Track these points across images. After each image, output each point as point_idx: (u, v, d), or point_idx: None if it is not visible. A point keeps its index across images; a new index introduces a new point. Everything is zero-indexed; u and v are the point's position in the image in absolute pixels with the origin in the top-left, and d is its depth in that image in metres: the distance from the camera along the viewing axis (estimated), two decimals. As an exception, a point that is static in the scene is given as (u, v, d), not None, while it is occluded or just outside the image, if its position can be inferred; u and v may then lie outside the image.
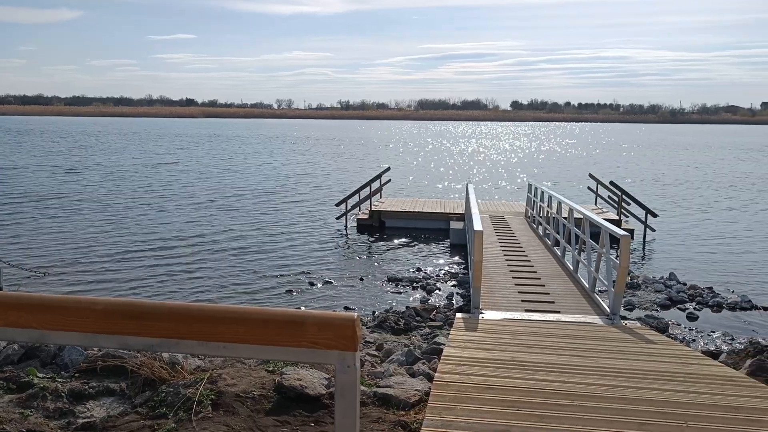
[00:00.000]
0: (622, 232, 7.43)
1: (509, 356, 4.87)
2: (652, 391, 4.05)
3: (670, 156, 53.23)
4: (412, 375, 5.04)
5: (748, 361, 5.24)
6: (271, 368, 4.42)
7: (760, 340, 8.71)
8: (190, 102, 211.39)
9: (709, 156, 53.60)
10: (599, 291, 8.91)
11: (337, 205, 18.78)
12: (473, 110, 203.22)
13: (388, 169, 21.05)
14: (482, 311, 7.52)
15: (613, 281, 7.57)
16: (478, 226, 8.04)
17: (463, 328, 6.22)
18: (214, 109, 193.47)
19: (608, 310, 7.59)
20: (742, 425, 3.53)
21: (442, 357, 4.76)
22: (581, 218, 9.68)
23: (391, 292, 11.85)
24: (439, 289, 12.06)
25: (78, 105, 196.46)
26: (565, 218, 11.15)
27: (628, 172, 36.77)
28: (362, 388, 4.19)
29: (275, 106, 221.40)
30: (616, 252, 7.88)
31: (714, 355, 6.59)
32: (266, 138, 74.87)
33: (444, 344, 5.88)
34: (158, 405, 3.79)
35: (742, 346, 7.62)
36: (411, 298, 11.43)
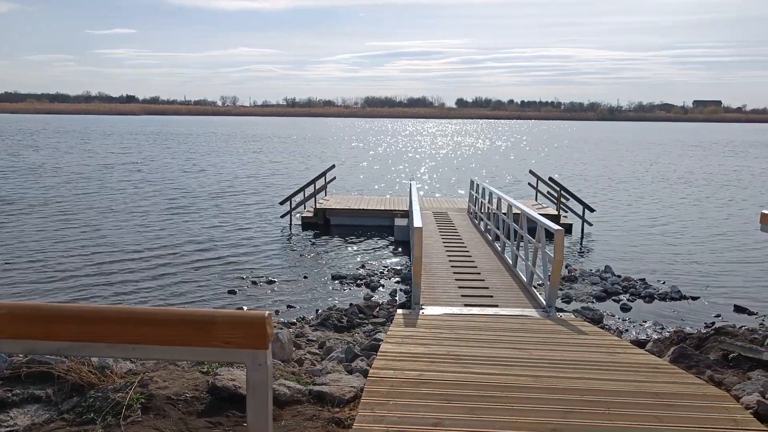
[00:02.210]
0: (556, 227, 7.63)
1: (445, 350, 4.95)
2: (579, 381, 4.20)
3: (610, 153, 54.88)
4: (350, 372, 5.07)
5: (672, 349, 5.48)
6: (205, 369, 4.38)
7: (687, 328, 9.11)
8: (130, 99, 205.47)
9: (647, 152, 55.53)
10: (537, 285, 9.14)
11: (282, 203, 18.63)
12: (419, 108, 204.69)
13: (333, 166, 21.00)
14: (423, 307, 7.60)
15: (549, 275, 7.78)
16: (418, 222, 8.13)
17: (402, 324, 6.28)
18: (156, 106, 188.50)
19: (544, 303, 7.79)
20: (660, 410, 3.70)
21: (378, 353, 4.80)
22: (519, 214, 9.90)
23: (335, 290, 11.84)
24: (383, 286, 12.13)
25: (10, 101, 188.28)
26: (504, 214, 11.38)
27: (569, 169, 37.74)
28: (298, 386, 4.20)
29: (220, 103, 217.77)
30: (553, 246, 8.08)
31: (641, 344, 6.85)
32: (211, 136, 73.57)
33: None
34: (86, 411, 3.70)
35: (669, 335, 7.94)
36: (355, 296, 11.45)
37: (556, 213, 17.85)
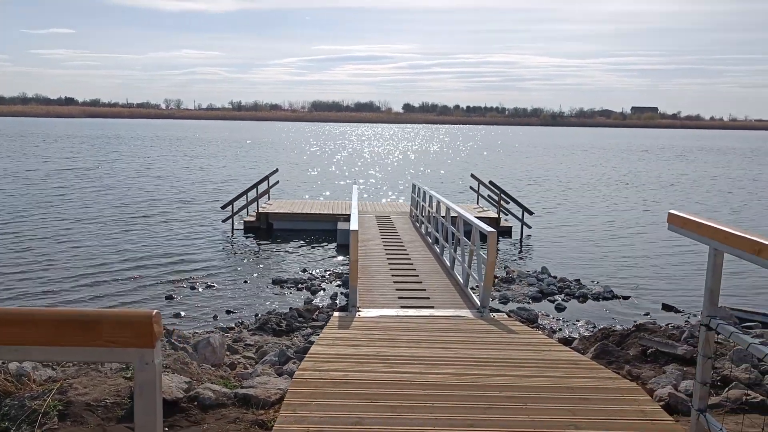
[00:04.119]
0: (489, 229, 7.80)
1: (374, 351, 5.00)
2: (501, 378, 4.32)
3: (552, 157, 56.24)
4: (281, 374, 5.06)
5: (595, 346, 5.68)
6: (129, 375, 4.30)
7: (618, 326, 9.42)
8: (69, 101, 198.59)
9: (587, 156, 57.14)
10: (475, 286, 9.30)
11: (223, 207, 18.37)
12: (367, 112, 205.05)
13: (276, 170, 20.86)
14: (359, 309, 7.64)
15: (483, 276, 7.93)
16: (353, 226, 8.18)
17: (336, 326, 6.31)
18: (96, 109, 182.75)
19: (479, 303, 7.93)
20: (575, 403, 3.85)
21: (307, 355, 4.81)
22: (457, 217, 10.06)
23: (276, 294, 11.78)
24: (324, 290, 12.13)
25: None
26: (443, 217, 11.54)
27: (512, 172, 38.51)
28: (223, 389, 4.17)
29: (163, 106, 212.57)
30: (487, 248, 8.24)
31: (568, 341, 7.06)
32: (156, 139, 71.95)
33: (317, 343, 5.92)
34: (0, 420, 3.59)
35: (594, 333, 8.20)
36: (295, 300, 11.41)
37: (497, 216, 18.19)
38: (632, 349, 5.48)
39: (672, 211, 3.66)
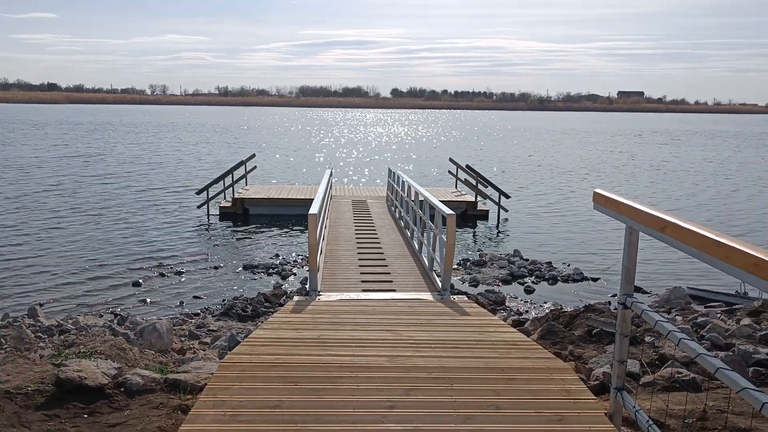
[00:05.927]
0: (448, 212, 7.74)
1: (317, 335, 4.96)
2: (433, 359, 4.29)
3: (538, 141, 56.29)
4: (222, 358, 5.01)
5: (543, 326, 5.67)
6: (58, 362, 4.24)
7: (568, 308, 9.43)
8: (52, 87, 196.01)
9: (572, 140, 57.24)
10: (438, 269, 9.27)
11: (198, 193, 18.24)
12: (354, 97, 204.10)
13: (254, 155, 20.72)
14: (320, 293, 7.59)
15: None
16: (313, 209, 8.09)
17: (289, 311, 6.25)
18: (80, 95, 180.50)
19: (440, 286, 7.91)
20: (501, 383, 3.83)
21: (245, 339, 4.76)
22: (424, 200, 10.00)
23: (245, 280, 11.73)
24: (295, 274, 12.10)
25: None
26: (413, 200, 11.49)
27: (497, 156, 38.49)
28: (153, 375, 4.12)
29: (149, 91, 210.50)
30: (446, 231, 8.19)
31: (521, 323, 7.06)
32: (144, 125, 71.32)
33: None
34: None
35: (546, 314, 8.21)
36: (265, 285, 11.36)
37: (474, 200, 18.17)
38: (579, 330, 5.47)
39: (597, 190, 3.63)
